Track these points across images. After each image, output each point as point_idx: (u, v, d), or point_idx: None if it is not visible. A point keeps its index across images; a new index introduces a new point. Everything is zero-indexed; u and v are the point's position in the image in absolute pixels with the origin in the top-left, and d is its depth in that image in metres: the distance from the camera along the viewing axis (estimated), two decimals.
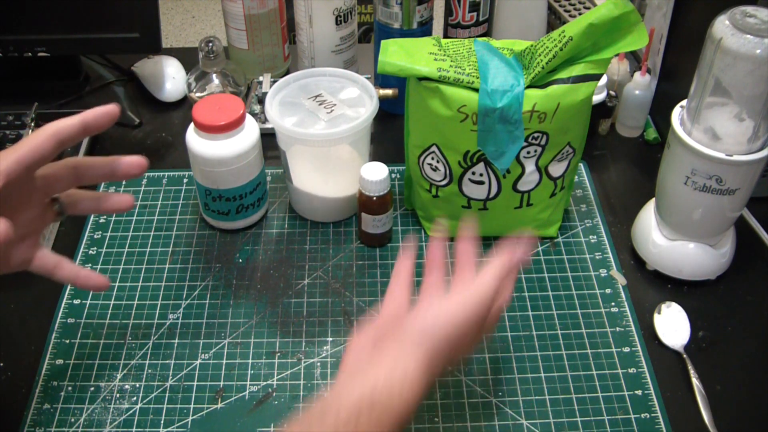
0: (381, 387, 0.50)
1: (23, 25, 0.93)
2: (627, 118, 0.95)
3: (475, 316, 0.54)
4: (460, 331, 0.53)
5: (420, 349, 0.52)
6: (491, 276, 0.55)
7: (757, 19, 0.63)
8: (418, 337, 0.52)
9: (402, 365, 0.51)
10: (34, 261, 0.62)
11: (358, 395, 0.49)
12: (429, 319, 0.53)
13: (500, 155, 0.73)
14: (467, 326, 0.54)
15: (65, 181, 0.62)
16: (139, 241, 0.83)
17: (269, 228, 0.85)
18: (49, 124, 0.57)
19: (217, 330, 0.74)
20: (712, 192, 0.70)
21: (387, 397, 0.49)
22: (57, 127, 0.57)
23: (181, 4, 2.83)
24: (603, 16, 0.67)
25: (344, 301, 0.77)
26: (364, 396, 0.49)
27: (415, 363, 0.51)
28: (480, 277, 0.55)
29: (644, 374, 0.70)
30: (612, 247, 0.82)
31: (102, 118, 0.59)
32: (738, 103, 0.66)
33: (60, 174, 0.61)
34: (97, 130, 0.59)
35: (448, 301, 0.55)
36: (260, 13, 0.98)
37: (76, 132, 0.58)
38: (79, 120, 0.58)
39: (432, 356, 0.52)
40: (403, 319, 0.55)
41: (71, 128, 0.58)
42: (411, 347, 0.52)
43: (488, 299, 0.55)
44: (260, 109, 0.96)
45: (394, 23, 0.92)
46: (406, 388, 0.50)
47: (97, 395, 0.69)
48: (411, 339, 0.52)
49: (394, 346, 0.53)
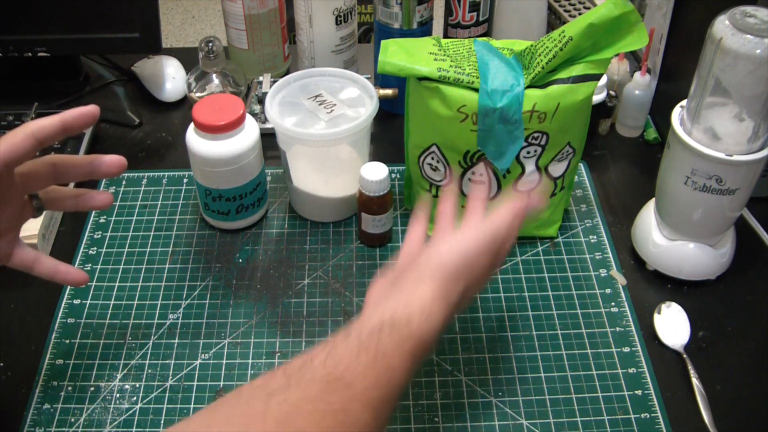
0: (401, 312, 0.52)
1: (23, 25, 0.93)
2: (627, 118, 0.95)
3: (487, 249, 0.57)
4: (473, 262, 0.56)
5: (436, 280, 0.54)
6: (504, 214, 0.59)
7: (757, 19, 0.63)
8: (434, 269, 0.55)
9: (419, 294, 0.54)
10: (12, 257, 0.62)
11: (378, 318, 0.52)
12: (444, 253, 0.56)
13: (500, 155, 0.73)
14: (480, 258, 0.56)
15: (44, 178, 0.62)
16: (139, 241, 0.83)
17: (269, 228, 0.85)
18: (28, 123, 0.58)
19: (217, 330, 0.74)
20: (712, 192, 0.70)
21: (406, 322, 0.52)
22: (36, 127, 0.57)
23: (181, 4, 2.83)
24: (603, 16, 0.68)
25: (344, 301, 0.77)
26: (384, 319, 0.52)
27: (432, 292, 0.54)
28: (493, 214, 0.59)
29: (644, 374, 0.70)
30: (612, 247, 0.82)
31: (81, 118, 0.60)
32: (738, 103, 0.66)
33: (39, 171, 0.61)
34: (77, 130, 0.60)
35: (461, 234, 0.58)
36: (260, 13, 0.98)
37: (55, 131, 0.58)
38: (58, 119, 0.58)
39: (448, 286, 0.55)
40: (419, 257, 0.57)
41: (50, 128, 0.58)
42: (428, 279, 0.54)
43: (500, 235, 0.58)
44: (260, 109, 0.96)
45: (394, 23, 0.92)
46: (425, 315, 0.52)
47: (97, 395, 0.69)
48: (428, 271, 0.55)
49: (411, 278, 0.55)
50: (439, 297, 0.54)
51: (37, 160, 0.61)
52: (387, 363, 0.50)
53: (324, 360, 0.49)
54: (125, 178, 0.90)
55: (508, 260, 0.80)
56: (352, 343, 0.50)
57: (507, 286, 0.78)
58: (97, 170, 0.63)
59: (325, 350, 0.50)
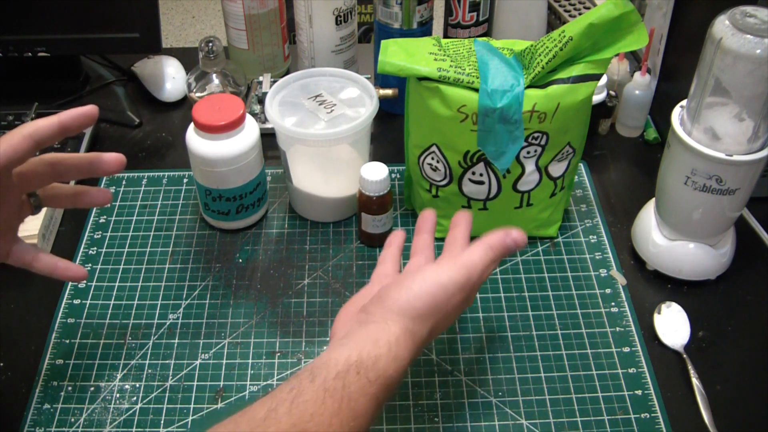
0: (368, 351, 0.51)
1: (23, 25, 0.93)
2: (627, 118, 0.95)
3: (461, 288, 0.56)
4: (444, 302, 0.55)
5: (405, 320, 0.53)
6: (482, 252, 0.57)
7: (757, 19, 0.63)
8: (403, 308, 0.54)
9: (387, 331, 0.53)
10: (11, 254, 0.62)
11: (345, 359, 0.51)
12: (414, 290, 0.55)
13: (500, 155, 0.73)
14: (451, 299, 0.55)
15: (42, 177, 0.62)
16: (139, 241, 0.83)
17: (269, 228, 0.85)
18: (26, 124, 0.57)
19: (217, 330, 0.74)
20: (712, 192, 0.70)
21: (373, 363, 0.51)
22: (34, 128, 0.57)
23: (181, 4, 2.83)
24: (603, 16, 0.68)
25: (344, 301, 0.76)
26: (351, 362, 0.50)
27: (401, 329, 0.53)
28: (472, 250, 0.57)
29: (644, 374, 0.70)
30: (612, 247, 0.82)
31: (79, 119, 0.59)
32: (738, 103, 0.66)
33: (37, 171, 0.61)
34: (75, 131, 0.60)
35: (434, 272, 0.56)
36: (260, 13, 0.98)
37: (54, 132, 0.58)
38: (56, 120, 0.58)
39: (416, 326, 0.54)
40: (390, 286, 0.56)
41: (48, 129, 0.58)
42: (397, 314, 0.54)
43: (475, 274, 0.56)
44: (260, 109, 0.96)
45: (394, 23, 0.92)
46: (392, 354, 0.52)
47: (97, 395, 0.69)
48: (397, 309, 0.54)
49: (380, 312, 0.54)
50: (407, 334, 0.53)
51: (35, 159, 0.61)
52: (353, 409, 0.49)
53: (289, 408, 0.48)
54: (125, 178, 0.90)
55: (508, 260, 0.80)
56: (318, 388, 0.49)
57: (507, 286, 0.78)
58: (96, 168, 0.63)
59: (290, 395, 0.49)
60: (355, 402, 0.49)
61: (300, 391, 0.49)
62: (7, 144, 0.56)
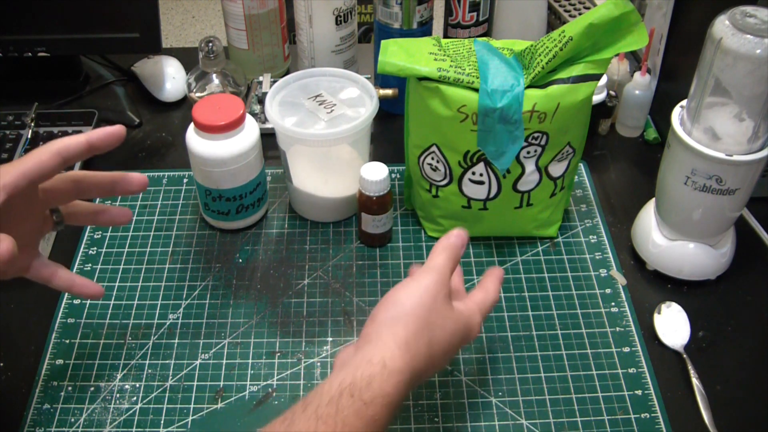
0: (361, 372, 0.51)
1: (23, 25, 0.93)
2: (627, 118, 0.95)
3: (435, 292, 0.56)
4: (429, 300, 0.55)
5: (395, 334, 0.53)
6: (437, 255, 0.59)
7: (757, 19, 0.63)
8: (393, 313, 0.55)
9: (381, 347, 0.52)
10: (30, 269, 0.63)
11: (338, 383, 0.50)
12: (398, 305, 0.56)
13: (500, 155, 0.72)
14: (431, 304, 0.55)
15: (66, 194, 0.63)
16: (139, 241, 0.83)
17: (269, 228, 0.85)
18: (55, 141, 0.58)
19: (217, 330, 0.74)
20: (712, 192, 0.70)
21: (367, 381, 0.50)
22: (63, 145, 0.58)
23: (181, 4, 2.83)
24: (603, 16, 0.68)
25: (344, 301, 0.77)
26: (344, 386, 0.50)
27: (394, 341, 0.53)
28: (428, 260, 0.59)
29: (644, 374, 0.70)
30: (612, 247, 0.82)
31: (108, 139, 0.60)
32: (738, 103, 0.66)
33: (62, 187, 0.62)
34: (102, 150, 0.61)
35: (412, 278, 0.57)
36: (260, 13, 0.98)
37: (82, 151, 0.59)
38: (85, 139, 0.59)
39: (409, 338, 0.53)
40: (379, 304, 0.57)
41: (77, 147, 0.59)
42: (386, 334, 0.53)
43: (443, 275, 0.57)
44: (260, 109, 0.96)
45: (394, 23, 0.92)
46: (387, 369, 0.51)
47: (97, 395, 0.69)
48: (389, 315, 0.55)
49: (373, 330, 0.54)
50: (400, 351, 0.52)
51: (60, 176, 0.62)
52: None
53: None
54: None
55: (508, 260, 0.80)
56: (309, 417, 0.48)
57: (507, 286, 0.78)
58: (119, 188, 0.64)
59: (283, 426, 0.48)
60: (350, 426, 0.48)
61: (292, 421, 0.49)
62: (37, 159, 0.57)
